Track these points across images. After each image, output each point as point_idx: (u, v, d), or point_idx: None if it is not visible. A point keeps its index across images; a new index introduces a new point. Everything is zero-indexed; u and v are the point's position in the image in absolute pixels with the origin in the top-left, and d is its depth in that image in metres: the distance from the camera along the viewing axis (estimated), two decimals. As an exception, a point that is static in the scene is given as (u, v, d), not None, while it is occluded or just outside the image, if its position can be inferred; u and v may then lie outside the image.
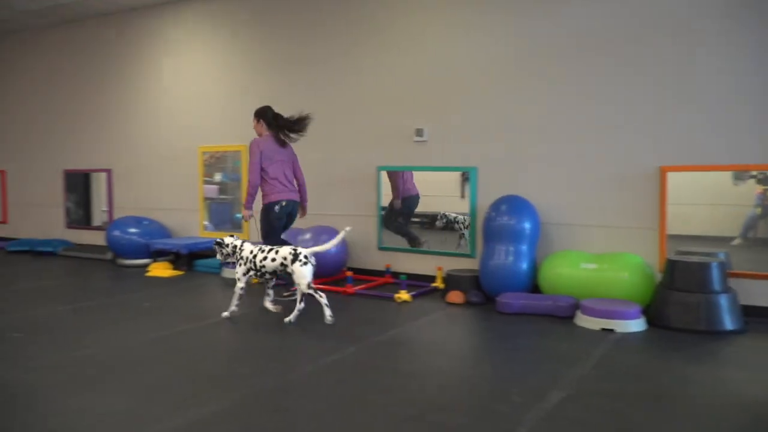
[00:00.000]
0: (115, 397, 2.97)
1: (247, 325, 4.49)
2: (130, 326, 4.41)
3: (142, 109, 7.96)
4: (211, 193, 7.46)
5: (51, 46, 8.85)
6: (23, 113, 9.29)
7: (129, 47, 8.01)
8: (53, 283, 6.21)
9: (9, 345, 3.87)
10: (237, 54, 7.11)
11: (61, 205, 8.86)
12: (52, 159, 8.94)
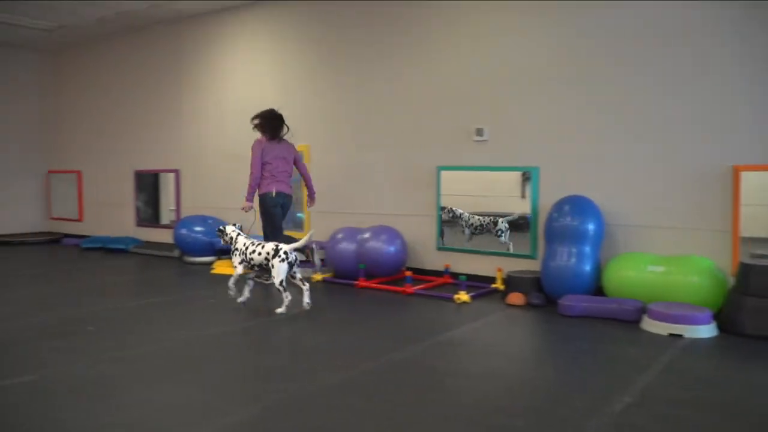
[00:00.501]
0: (182, 390, 3.07)
1: (309, 322, 4.56)
2: (196, 321, 4.55)
3: (207, 111, 8.20)
4: (272, 193, 7.60)
5: (122, 53, 9.23)
6: (97, 117, 9.73)
7: (195, 52, 8.26)
8: (124, 278, 6.48)
9: (83, 338, 4.06)
10: (295, 57, 7.22)
11: (132, 204, 9.23)
12: (123, 160, 9.33)
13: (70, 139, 10.21)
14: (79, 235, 9.88)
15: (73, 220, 10.18)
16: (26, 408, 2.82)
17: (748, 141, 4.61)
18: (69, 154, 10.23)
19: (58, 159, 10.45)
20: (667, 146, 4.95)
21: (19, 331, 4.22)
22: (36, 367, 3.43)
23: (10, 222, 10.16)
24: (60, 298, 5.39)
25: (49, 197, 10.59)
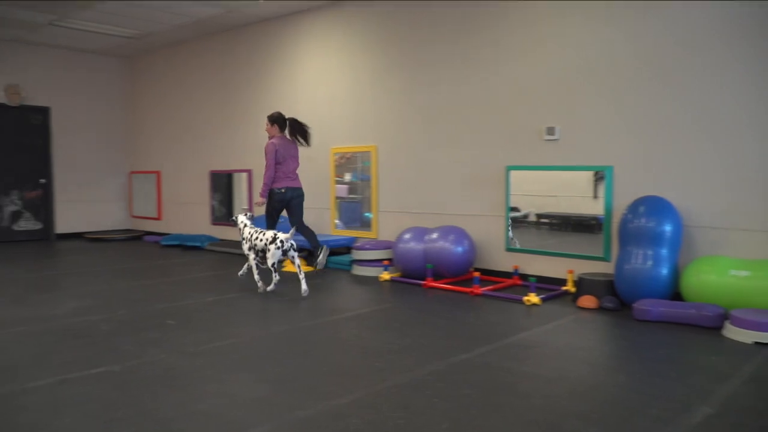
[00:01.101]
0: (255, 384, 3.18)
1: (376, 322, 4.61)
2: (267, 318, 4.68)
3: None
4: (341, 193, 7.73)
5: (196, 57, 9.58)
6: (175, 120, 10.14)
7: (267, 55, 8.48)
8: (201, 275, 6.73)
9: (165, 331, 4.25)
10: (365, 57, 7.30)
11: (208, 203, 9.57)
12: (199, 161, 9.69)
13: (150, 141, 10.69)
14: (158, 233, 10.34)
15: (152, 218, 10.66)
16: (113, 396, 2.99)
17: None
18: (149, 156, 10.72)
19: (140, 160, 10.97)
20: (751, 145, 4.71)
21: (105, 323, 4.47)
22: (121, 357, 3.62)
23: (98, 220, 10.75)
24: (142, 293, 5.66)
25: (131, 196, 11.13)
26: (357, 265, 6.63)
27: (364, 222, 7.45)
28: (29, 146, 10.07)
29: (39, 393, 3.03)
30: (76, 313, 4.78)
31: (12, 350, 3.82)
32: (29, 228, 10.13)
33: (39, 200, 10.21)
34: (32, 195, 10.14)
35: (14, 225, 9.97)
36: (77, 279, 6.51)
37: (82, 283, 6.20)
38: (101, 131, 10.82)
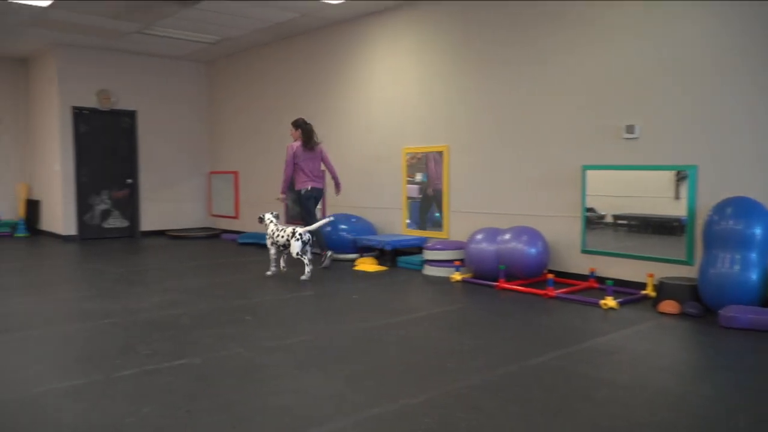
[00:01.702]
0: (329, 381, 3.23)
1: (449, 322, 4.59)
2: (340, 316, 4.75)
3: (352, 114, 8.51)
4: (412, 193, 7.74)
5: (272, 60, 9.83)
6: (252, 121, 10.45)
7: (341, 56, 8.60)
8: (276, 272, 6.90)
9: (242, 327, 4.39)
10: (438, 57, 7.28)
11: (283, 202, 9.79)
12: (274, 161, 9.91)
13: (229, 142, 11.06)
14: (235, 231, 10.68)
15: (230, 217, 11.02)
16: (193, 387, 3.11)
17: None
18: (227, 156, 11.09)
19: (218, 161, 11.37)
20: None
21: (187, 317, 4.66)
22: (200, 350, 3.76)
23: (179, 218, 11.22)
24: (221, 289, 5.86)
25: (210, 196, 11.55)
26: (428, 265, 6.62)
27: (435, 222, 7.43)
28: (118, 148, 10.63)
29: (125, 382, 3.19)
30: (159, 307, 5.00)
31: (102, 341, 4.04)
32: (117, 225, 10.69)
33: (126, 199, 10.76)
34: (120, 194, 10.69)
35: (104, 223, 10.55)
36: (160, 274, 6.82)
37: (164, 279, 6.49)
38: (183, 133, 11.29)
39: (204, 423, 2.67)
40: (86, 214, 10.34)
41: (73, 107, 10.04)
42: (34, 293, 5.70)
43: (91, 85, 10.19)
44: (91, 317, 4.66)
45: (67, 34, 9.13)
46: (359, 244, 7.50)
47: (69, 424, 2.68)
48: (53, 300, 5.43)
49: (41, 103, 10.61)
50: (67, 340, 4.11)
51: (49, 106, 10.24)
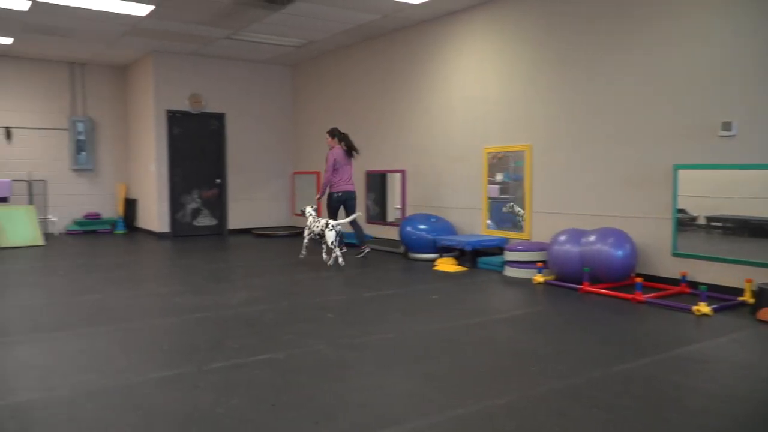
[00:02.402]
0: (409, 380, 3.24)
1: (531, 325, 4.51)
2: (420, 315, 4.76)
3: (433, 114, 8.51)
4: (493, 193, 7.64)
5: (353, 61, 9.97)
6: (335, 122, 10.62)
7: (423, 56, 8.61)
8: (356, 271, 7.00)
9: (324, 324, 4.48)
10: (520, 55, 7.15)
11: (363, 202, 9.92)
12: (356, 161, 10.04)
13: (311, 143, 11.30)
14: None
15: (312, 216, 11.26)
16: (277, 381, 3.21)
17: None
18: (310, 157, 11.34)
19: (301, 161, 11.65)
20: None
21: (271, 313, 4.80)
22: (284, 346, 3.87)
23: (263, 217, 11.60)
24: (303, 286, 6.01)
25: (293, 196, 11.85)
26: (509, 266, 6.52)
27: (516, 223, 7.30)
28: (207, 149, 11.11)
29: (215, 374, 3.33)
30: (246, 303, 5.19)
31: (193, 334, 4.23)
32: (206, 223, 11.17)
33: (215, 198, 11.22)
34: (209, 194, 11.16)
35: (194, 221, 11.05)
36: (247, 271, 7.07)
37: (250, 276, 6.72)
38: (268, 135, 11.65)
39: (288, 416, 2.74)
40: (178, 212, 10.86)
41: (167, 110, 10.58)
42: (132, 287, 6.04)
43: (183, 90, 10.70)
44: (183, 311, 4.90)
45: (162, 41, 9.62)
46: (439, 245, 7.48)
47: (164, 412, 2.82)
48: (148, 294, 5.74)
49: (138, 107, 11.24)
50: (161, 332, 4.33)
51: (146, 110, 10.83)
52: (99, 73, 11.60)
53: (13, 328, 4.41)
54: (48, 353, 3.79)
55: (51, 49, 10.21)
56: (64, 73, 11.27)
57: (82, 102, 11.47)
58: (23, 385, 3.18)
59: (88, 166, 11.54)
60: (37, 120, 11.07)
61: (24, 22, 8.36)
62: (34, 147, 11.06)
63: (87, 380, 3.24)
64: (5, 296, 5.57)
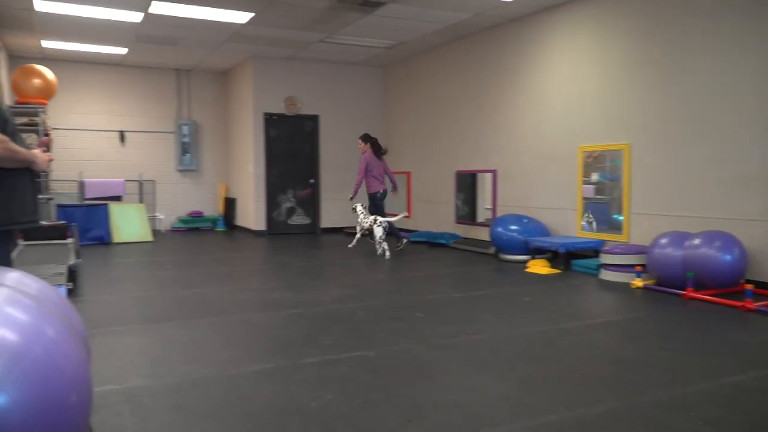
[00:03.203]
0: (500, 382, 3.21)
1: (627, 331, 4.33)
2: (512, 317, 4.69)
3: (525, 112, 8.35)
4: (588, 193, 7.40)
5: (444, 61, 9.94)
6: (425, 122, 10.66)
7: (515, 54, 8.47)
8: (446, 271, 6.99)
9: (414, 323, 4.51)
10: (618, 51, 6.87)
11: (452, 202, 9.89)
12: (446, 161, 10.06)
13: (402, 143, 11.39)
14: (407, 230, 10.97)
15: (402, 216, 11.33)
16: (368, 379, 3.26)
17: None
18: (401, 157, 11.42)
19: (392, 161, 11.71)
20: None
21: (362, 311, 4.89)
22: (376, 343, 3.93)
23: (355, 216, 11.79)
24: (393, 285, 6.07)
25: (384, 195, 11.98)
26: (606, 269, 6.30)
27: (613, 224, 7.03)
28: (302, 150, 11.45)
29: (309, 369, 3.43)
30: (338, 300, 5.31)
31: (288, 329, 4.38)
32: (300, 222, 11.51)
33: (308, 198, 11.55)
34: (303, 193, 11.50)
35: (289, 219, 11.42)
36: (338, 269, 7.22)
37: (342, 273, 6.86)
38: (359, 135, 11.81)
39: (380, 414, 2.79)
40: (274, 211, 11.26)
41: (264, 113, 11.00)
42: (232, 282, 6.33)
43: (279, 93, 11.08)
44: (278, 307, 5.08)
45: (260, 47, 10.00)
46: (531, 246, 7.33)
47: (260, 404, 2.94)
48: (246, 289, 5.99)
49: (238, 111, 11.76)
50: (257, 326, 4.52)
51: (245, 113, 11.30)
52: (202, 78, 12.23)
53: (126, 318, 4.74)
54: (156, 343, 4.04)
55: (160, 58, 10.87)
56: (172, 79, 11.97)
57: (187, 106, 12.13)
58: (135, 372, 3.41)
59: (192, 167, 12.19)
60: (147, 124, 11.82)
61: (137, 33, 8.95)
62: (144, 149, 11.82)
63: (191, 370, 3.43)
64: (119, 288, 5.99)
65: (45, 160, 2.83)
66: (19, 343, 1.64)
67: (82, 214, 9.75)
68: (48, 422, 1.61)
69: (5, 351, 1.59)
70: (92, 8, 7.71)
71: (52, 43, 9.68)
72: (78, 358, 1.81)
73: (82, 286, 5.96)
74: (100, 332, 4.18)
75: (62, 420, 1.66)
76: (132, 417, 2.76)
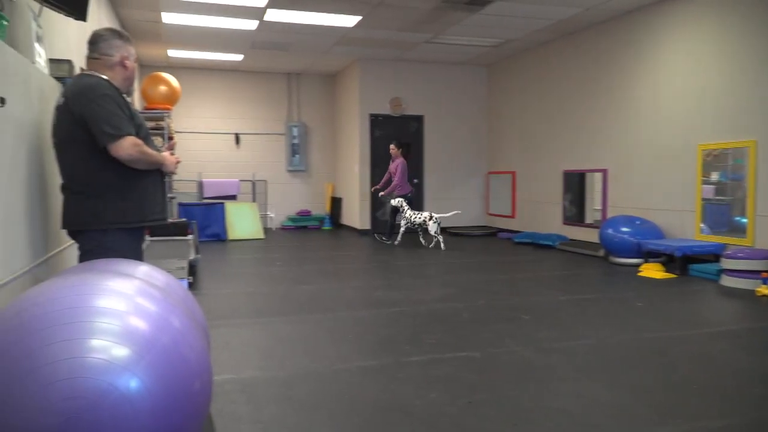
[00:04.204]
0: (611, 390, 3.09)
1: (753, 342, 4.04)
2: (623, 323, 4.50)
3: (639, 109, 7.96)
4: (708, 194, 6.95)
5: (554, 58, 9.67)
6: (531, 121, 10.44)
7: (627, 48, 8.10)
8: (552, 273, 6.82)
9: (520, 325, 4.44)
10: (747, 42, 6.39)
11: (559, 202, 9.62)
12: (553, 160, 9.79)
13: (507, 142, 11.21)
14: (511, 230, 10.80)
15: (506, 216, 11.17)
16: (473, 379, 3.26)
17: None
18: (505, 157, 11.26)
19: (496, 161, 11.61)
20: None
21: (466, 311, 4.87)
22: (480, 344, 3.91)
23: (459, 216, 11.73)
24: (497, 286, 6.01)
25: (488, 195, 11.85)
26: (727, 275, 5.89)
27: (736, 227, 6.56)
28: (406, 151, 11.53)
29: (413, 367, 3.47)
30: (441, 300, 5.32)
31: (392, 327, 4.45)
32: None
33: (413, 198, 11.62)
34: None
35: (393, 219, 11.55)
36: (440, 269, 7.24)
37: (444, 273, 6.87)
38: (464, 135, 11.79)
39: (485, 416, 2.78)
40: (378, 210, 11.44)
41: (370, 114, 11.20)
42: (338, 280, 6.51)
43: (385, 94, 11.25)
44: (382, 305, 5.17)
45: (367, 49, 10.21)
46: (644, 249, 6.99)
47: (366, 400, 3.02)
48: (352, 287, 6.14)
49: (345, 112, 12.06)
50: (362, 324, 4.62)
51: (351, 114, 11.57)
52: (311, 81, 12.65)
53: (240, 311, 5.00)
54: (267, 336, 4.24)
55: (273, 63, 11.37)
56: (283, 83, 12.47)
57: (296, 109, 12.60)
58: (248, 363, 3.60)
59: (301, 168, 12.64)
60: (259, 126, 12.39)
61: (252, 40, 9.42)
62: (257, 150, 12.40)
63: (300, 363, 3.58)
64: (233, 283, 6.33)
65: (173, 162, 3.06)
66: (149, 331, 1.77)
67: (201, 212, 10.38)
68: (174, 408, 1.73)
69: (137, 339, 1.72)
70: (213, 18, 8.21)
71: (177, 52, 10.38)
72: (201, 348, 1.94)
73: (200, 280, 6.36)
74: (216, 324, 4.44)
75: (187, 406, 1.78)
76: (246, 406, 2.92)
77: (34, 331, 1.66)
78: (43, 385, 1.57)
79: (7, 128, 2.44)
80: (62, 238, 3.37)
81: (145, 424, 1.64)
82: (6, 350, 1.63)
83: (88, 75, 2.84)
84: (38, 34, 3.46)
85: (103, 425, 1.58)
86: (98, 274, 2.02)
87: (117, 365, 1.63)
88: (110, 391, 1.60)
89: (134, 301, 1.85)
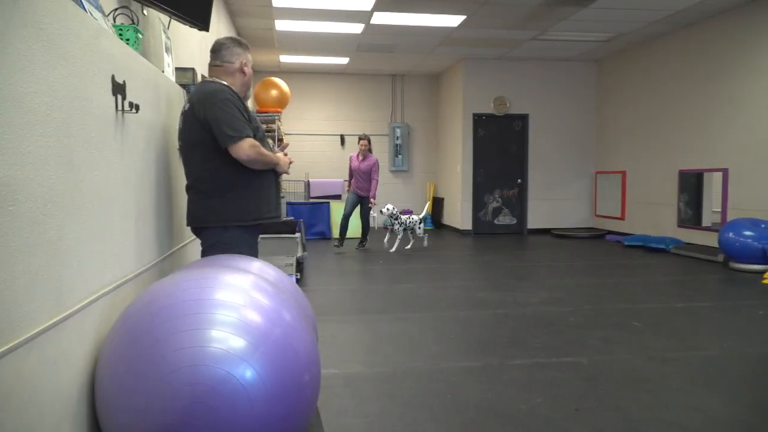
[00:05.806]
0: (726, 405, 2.90)
1: None
2: (743, 334, 4.20)
3: (764, 103, 7.38)
4: None
5: (668, 52, 9.15)
6: (643, 118, 9.94)
7: (749, 40, 7.52)
8: (665, 278, 6.47)
9: (631, 332, 4.26)
10: None
11: (674, 204, 9.10)
12: (667, 160, 9.27)
13: (616, 141, 10.74)
14: (620, 233, 10.34)
15: (615, 218, 10.71)
16: (580, 386, 3.16)
17: None
18: (615, 156, 10.79)
19: (605, 160, 11.15)
20: None
21: (572, 315, 4.73)
22: (588, 350, 3.79)
23: (563, 217, 11.43)
24: (605, 291, 5.78)
25: (595, 196, 11.41)
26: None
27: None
28: (509, 150, 11.37)
29: (517, 370, 3.43)
30: (546, 303, 5.20)
31: (495, 328, 4.41)
32: (506, 223, 11.45)
33: (515, 198, 11.43)
34: (510, 193, 11.41)
35: (495, 220, 11.42)
36: (545, 271, 7.06)
37: (549, 275, 6.69)
38: (569, 133, 11.42)
39: (593, 424, 2.69)
40: (480, 211, 11.34)
41: (474, 114, 11.12)
42: (440, 279, 6.52)
43: (489, 93, 11.12)
44: (484, 306, 5.13)
45: (472, 48, 10.14)
46: (772, 255, 6.48)
47: (469, 401, 3.01)
48: (454, 287, 6.13)
49: (448, 112, 12.04)
50: (465, 324, 4.60)
51: (454, 114, 11.54)
52: (415, 82, 12.73)
53: (345, 308, 5.14)
54: (371, 333, 4.33)
55: (377, 65, 11.55)
56: (387, 84, 12.64)
57: (400, 109, 12.72)
58: (353, 359, 3.70)
59: (404, 168, 12.75)
60: (364, 128, 12.60)
61: (358, 43, 9.62)
62: (360, 151, 12.63)
63: (403, 360, 3.63)
64: (338, 280, 6.51)
65: (287, 163, 3.20)
66: (263, 324, 1.87)
67: (307, 210, 10.74)
68: (286, 398, 1.82)
69: (252, 331, 1.83)
70: (322, 23, 8.47)
71: (288, 57, 10.81)
72: (310, 342, 2.02)
73: (307, 276, 6.59)
74: (322, 319, 4.58)
75: (297, 397, 1.87)
76: (351, 400, 3.00)
77: (163, 320, 1.80)
78: (169, 370, 1.70)
79: (140, 133, 2.66)
80: (183, 234, 3.61)
81: (259, 413, 1.74)
82: (140, 338, 1.79)
83: (211, 81, 3.02)
84: (167, 45, 3.73)
85: (221, 411, 1.69)
86: (217, 269, 2.16)
87: (234, 355, 1.74)
88: (228, 379, 1.71)
89: (250, 295, 1.96)
